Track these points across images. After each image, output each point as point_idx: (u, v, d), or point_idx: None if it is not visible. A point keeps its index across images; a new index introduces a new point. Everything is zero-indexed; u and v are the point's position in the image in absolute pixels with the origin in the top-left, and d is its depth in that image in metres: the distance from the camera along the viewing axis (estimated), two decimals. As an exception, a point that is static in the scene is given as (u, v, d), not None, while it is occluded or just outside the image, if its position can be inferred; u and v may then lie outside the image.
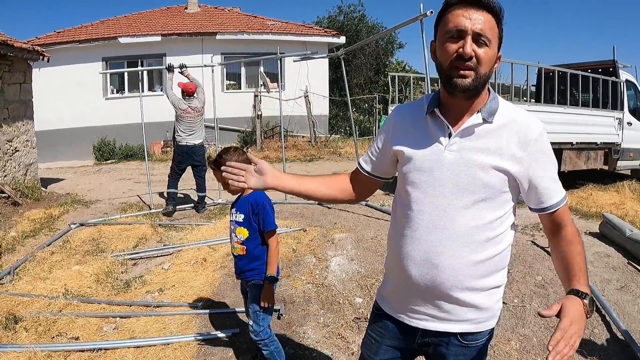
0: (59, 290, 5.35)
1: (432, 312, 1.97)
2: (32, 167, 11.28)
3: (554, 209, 1.90)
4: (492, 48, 1.79)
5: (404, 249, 1.97)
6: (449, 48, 1.79)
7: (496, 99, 1.90)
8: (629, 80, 12.53)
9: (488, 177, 1.83)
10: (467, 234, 1.85)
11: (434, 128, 1.93)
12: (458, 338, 1.97)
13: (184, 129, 8.86)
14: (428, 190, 1.90)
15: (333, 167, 15.38)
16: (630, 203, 9.44)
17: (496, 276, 1.94)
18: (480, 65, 1.77)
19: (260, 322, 3.61)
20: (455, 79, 1.79)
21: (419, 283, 1.93)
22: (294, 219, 7.88)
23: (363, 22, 29.05)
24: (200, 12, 23.65)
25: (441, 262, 1.87)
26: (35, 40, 17.91)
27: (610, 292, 5.22)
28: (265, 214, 3.52)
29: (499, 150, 1.82)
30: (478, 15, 1.76)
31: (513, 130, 1.84)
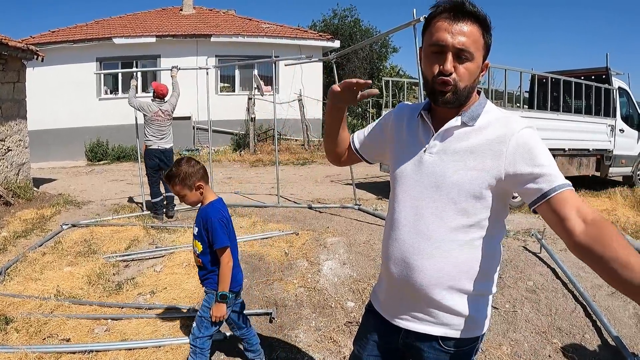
0: (50, 292, 5.32)
1: (413, 312, 1.98)
2: (25, 167, 11.24)
3: (551, 195, 1.68)
4: (475, 61, 1.79)
5: (388, 249, 2.01)
6: (431, 63, 1.82)
7: (483, 104, 1.90)
8: (622, 87, 12.62)
9: (465, 180, 1.81)
10: (444, 236, 1.85)
11: (422, 130, 1.97)
12: (439, 342, 1.96)
13: (154, 133, 8.72)
14: (409, 191, 1.94)
15: (326, 170, 15.40)
16: (622, 209, 9.49)
17: (479, 283, 1.90)
18: (461, 81, 1.78)
19: (202, 329, 3.52)
20: (438, 93, 1.81)
21: (398, 283, 1.97)
22: (286, 223, 7.89)
23: (357, 26, 29.12)
24: (195, 14, 23.65)
25: (416, 262, 1.88)
26: (30, 40, 17.90)
27: (601, 298, 5.24)
28: (214, 231, 3.38)
29: (476, 153, 1.81)
30: (462, 28, 1.75)
31: (493, 130, 1.81)
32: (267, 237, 6.97)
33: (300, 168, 16.16)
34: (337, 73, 9.96)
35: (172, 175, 3.41)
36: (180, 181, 3.39)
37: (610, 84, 12.13)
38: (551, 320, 4.84)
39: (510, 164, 1.76)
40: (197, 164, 3.48)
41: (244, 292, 5.35)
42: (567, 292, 5.33)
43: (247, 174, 15.02)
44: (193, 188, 3.42)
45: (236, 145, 19.81)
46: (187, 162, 3.46)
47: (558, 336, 4.61)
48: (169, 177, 3.42)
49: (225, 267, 3.43)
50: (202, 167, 3.49)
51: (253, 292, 5.36)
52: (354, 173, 9.90)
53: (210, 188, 3.57)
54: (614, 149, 12.13)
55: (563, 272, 5.69)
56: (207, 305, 3.51)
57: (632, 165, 13.03)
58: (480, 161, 1.80)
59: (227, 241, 3.43)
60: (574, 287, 5.37)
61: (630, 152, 12.83)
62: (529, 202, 1.76)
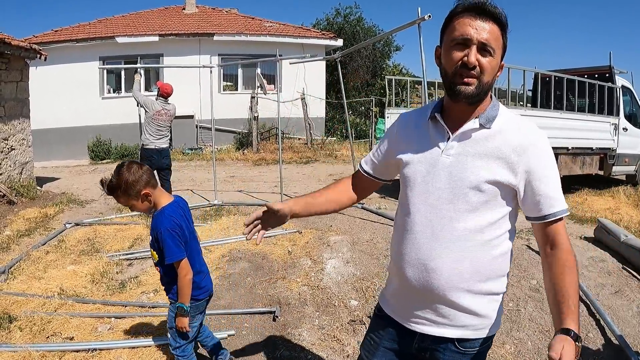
0: (53, 290, 5.33)
1: (429, 316, 1.97)
2: (28, 166, 11.25)
3: (549, 220, 1.86)
4: (495, 58, 1.83)
5: (401, 252, 2.00)
6: (454, 56, 1.83)
7: (496, 107, 1.93)
8: (625, 86, 12.59)
9: (482, 182, 1.84)
10: (460, 238, 1.87)
11: (434, 132, 1.97)
12: (455, 344, 1.97)
13: (152, 132, 8.63)
14: (424, 193, 1.94)
15: (329, 169, 15.39)
16: (625, 208, 9.49)
17: (494, 282, 1.94)
18: (483, 74, 1.81)
19: (176, 339, 3.38)
20: (459, 86, 1.82)
21: (415, 286, 1.95)
22: (290, 221, 7.86)
23: (360, 24, 29.10)
24: (197, 12, 23.67)
25: (434, 265, 1.89)
26: (33, 39, 17.93)
27: (604, 297, 5.24)
28: (164, 245, 3.12)
29: (494, 156, 1.84)
30: (484, 25, 1.79)
31: (511, 136, 1.85)
32: (270, 236, 6.95)
33: (304, 167, 16.15)
34: (341, 71, 9.94)
35: (113, 188, 3.08)
36: (123, 192, 3.08)
37: (613, 83, 12.09)
38: (555, 319, 4.83)
39: (526, 173, 1.84)
40: (140, 169, 3.13)
41: (247, 290, 5.37)
42: (570, 291, 5.32)
43: (250, 172, 15.02)
44: (139, 197, 3.12)
45: (239, 144, 19.81)
46: (127, 169, 3.10)
47: (562, 335, 4.60)
48: (110, 190, 3.09)
49: (182, 280, 3.18)
50: (146, 171, 3.16)
51: (256, 291, 5.36)
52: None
53: (162, 191, 3.27)
54: (617, 147, 12.09)
55: (566, 270, 5.67)
56: (172, 314, 3.33)
57: (635, 164, 13.00)
58: (498, 165, 1.84)
59: (181, 254, 3.16)
60: (577, 286, 5.35)
61: (634, 151, 12.80)
62: (529, 214, 1.91)
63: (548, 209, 1.85)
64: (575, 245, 6.66)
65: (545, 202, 1.84)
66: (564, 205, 1.86)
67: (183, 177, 13.65)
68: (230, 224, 7.69)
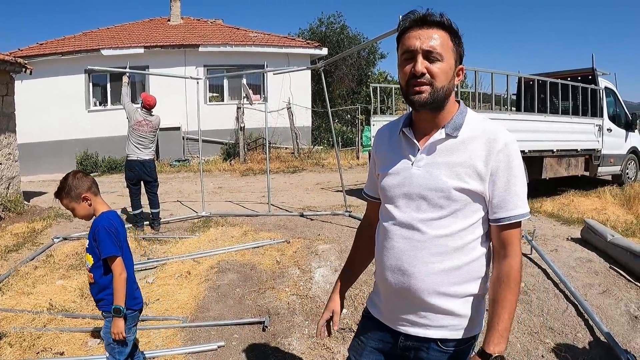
0: (43, 305, 5.30)
1: (411, 317, 2.04)
2: (15, 181, 11.18)
3: (503, 223, 1.92)
4: (445, 62, 1.89)
5: (382, 258, 2.08)
6: (405, 69, 1.93)
7: (464, 113, 2.00)
8: (608, 87, 12.73)
9: (452, 190, 1.90)
10: (434, 243, 1.93)
11: (406, 145, 2.06)
12: (438, 344, 2.02)
13: (134, 143, 8.50)
14: (399, 203, 2.02)
15: (316, 178, 15.44)
16: (612, 208, 9.57)
17: (471, 284, 1.99)
18: (435, 80, 1.88)
19: (116, 355, 3.35)
20: (412, 95, 1.91)
21: (395, 290, 2.03)
22: (278, 231, 7.90)
23: (344, 32, 29.22)
24: (182, 24, 23.67)
25: (410, 269, 1.96)
26: (18, 52, 17.88)
27: (592, 297, 5.28)
28: (100, 240, 3.24)
29: (462, 165, 1.91)
30: (428, 34, 1.88)
31: (479, 142, 1.92)
32: (258, 246, 6.97)
33: (291, 176, 16.18)
34: (326, 80, 9.98)
35: (59, 189, 3.33)
36: (66, 194, 3.31)
37: (596, 84, 12.23)
38: (543, 320, 4.88)
39: (492, 177, 1.90)
40: (85, 176, 3.41)
41: (237, 300, 5.37)
42: (558, 292, 5.38)
43: (238, 183, 15.03)
44: (80, 199, 3.32)
45: (226, 154, 19.80)
46: (73, 174, 3.37)
47: (550, 336, 4.65)
48: (57, 192, 3.35)
49: (117, 279, 3.25)
50: (90, 180, 3.42)
51: (245, 301, 5.37)
52: (344, 180, 9.93)
53: (102, 201, 3.46)
54: (602, 148, 12.23)
55: (554, 272, 5.73)
56: (108, 329, 3.29)
57: (620, 164, 13.13)
58: (466, 173, 1.90)
59: (117, 251, 3.27)
60: (565, 287, 5.41)
61: (619, 151, 12.93)
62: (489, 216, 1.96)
63: (506, 212, 1.91)
64: (562, 246, 6.73)
65: (503, 205, 1.91)
66: (523, 210, 1.92)
67: (170, 189, 13.63)
68: (219, 235, 7.68)
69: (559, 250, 6.59)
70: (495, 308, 1.90)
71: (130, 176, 8.65)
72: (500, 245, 1.95)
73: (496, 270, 1.95)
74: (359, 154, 20.46)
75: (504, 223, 1.91)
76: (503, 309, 1.88)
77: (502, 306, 1.89)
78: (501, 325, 1.87)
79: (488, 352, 1.86)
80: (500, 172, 1.89)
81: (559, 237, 7.29)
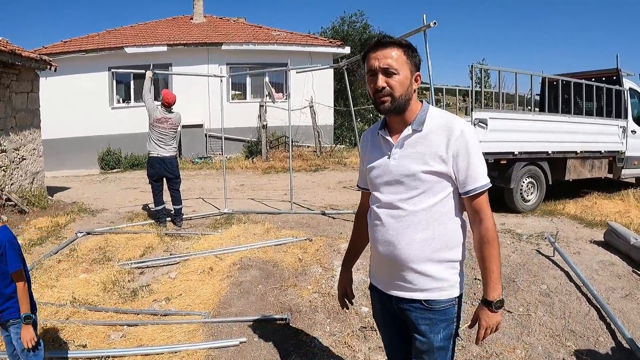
0: (66, 298, 5.38)
1: (400, 282, 2.47)
2: (39, 176, 11.34)
3: (473, 193, 2.35)
4: (402, 74, 2.34)
5: (373, 234, 2.54)
6: (370, 84, 2.40)
7: (426, 111, 2.44)
8: (633, 88, 12.55)
9: (421, 175, 2.34)
10: (413, 218, 2.37)
11: (383, 143, 2.53)
12: (422, 303, 2.43)
13: (154, 140, 8.54)
14: (382, 189, 2.49)
15: (338, 176, 15.42)
16: (635, 211, 9.46)
17: (448, 251, 2.41)
18: (394, 90, 2.34)
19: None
20: (379, 105, 2.39)
21: (385, 259, 2.48)
22: (300, 229, 7.91)
23: (367, 31, 29.13)
24: (205, 22, 23.76)
25: (395, 240, 2.41)
26: (43, 50, 18.05)
27: (615, 300, 5.23)
28: (9, 256, 3.28)
29: (428, 153, 2.34)
30: (384, 53, 2.34)
31: (439, 132, 2.35)
32: (281, 244, 6.99)
33: (313, 174, 16.18)
34: (348, 79, 9.97)
35: None
36: None
37: (621, 85, 12.07)
38: (565, 324, 4.84)
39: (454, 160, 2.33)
40: None
41: (259, 297, 5.39)
42: (580, 295, 5.33)
43: (260, 181, 15.06)
44: None
45: (248, 152, 19.83)
46: None
47: (572, 339, 4.61)
48: None
49: (22, 289, 3.35)
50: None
51: (268, 298, 5.39)
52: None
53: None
54: (626, 150, 12.06)
55: (577, 275, 5.68)
56: (19, 335, 3.37)
57: (644, 166, 12.94)
58: (431, 158, 2.34)
59: (20, 264, 3.35)
60: (587, 290, 5.36)
61: (643, 154, 12.76)
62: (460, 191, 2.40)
63: (471, 185, 2.34)
64: (585, 249, 6.67)
65: (468, 180, 2.34)
66: (483, 182, 2.35)
67: (193, 185, 13.71)
68: (241, 232, 7.71)
69: (582, 253, 6.53)
70: (484, 263, 2.38)
71: (151, 173, 8.71)
72: (473, 213, 2.40)
73: (476, 234, 2.40)
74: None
75: (472, 194, 2.35)
76: (490, 263, 2.36)
77: (489, 260, 2.36)
78: (493, 276, 2.37)
79: (489, 299, 2.37)
80: (460, 155, 2.32)
81: (582, 239, 7.22)
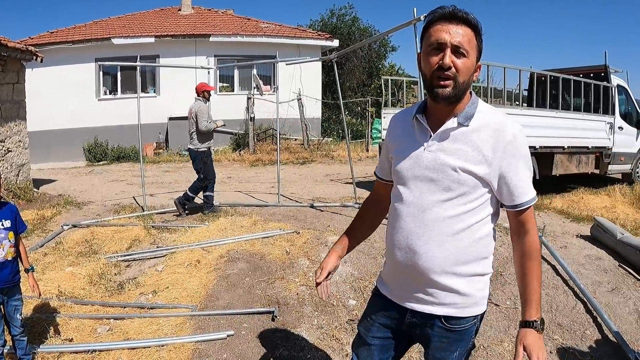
0: (52, 292, 5.33)
1: (418, 294, 2.18)
2: (25, 168, 11.24)
3: (521, 207, 2.08)
4: (470, 59, 2.01)
5: (393, 237, 2.22)
6: (432, 60, 2.02)
7: (475, 104, 2.11)
8: (620, 85, 12.65)
9: (458, 175, 2.03)
10: (441, 224, 2.07)
11: (419, 131, 2.18)
12: (442, 321, 2.16)
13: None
14: (411, 184, 2.15)
15: (325, 169, 15.43)
16: (621, 206, 9.52)
17: (476, 264, 2.13)
18: (459, 74, 1.99)
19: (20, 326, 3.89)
20: (436, 88, 2.01)
21: (404, 267, 2.17)
22: (287, 222, 7.90)
23: (355, 25, 29.13)
24: (193, 14, 23.67)
25: (419, 248, 2.09)
26: (29, 40, 17.90)
27: (601, 294, 5.27)
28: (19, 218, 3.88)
29: (471, 152, 2.03)
30: (457, 30, 1.98)
31: (488, 132, 2.04)
32: (268, 236, 6.97)
33: (300, 167, 16.18)
34: (337, 72, 9.95)
35: None
36: None
37: (609, 82, 12.15)
38: (552, 317, 4.87)
39: (500, 166, 2.03)
40: None
41: (246, 290, 5.38)
42: (567, 289, 5.37)
43: (247, 173, 15.04)
44: None
45: (236, 145, 19.81)
46: None
47: (559, 332, 4.65)
48: None
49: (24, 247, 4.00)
50: None
51: (255, 291, 5.37)
52: (354, 172, 9.92)
53: None
54: (613, 146, 12.16)
55: (563, 269, 5.72)
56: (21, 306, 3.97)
57: (631, 162, 13.05)
58: (474, 159, 2.03)
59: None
60: (574, 284, 5.40)
61: (629, 150, 12.85)
62: (505, 203, 2.12)
63: (520, 199, 2.07)
64: (571, 243, 6.71)
65: (517, 192, 2.06)
66: (532, 195, 2.09)
67: (180, 178, 13.65)
68: (228, 224, 7.68)
69: (569, 247, 6.57)
70: (525, 280, 2.11)
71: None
72: (518, 225, 2.13)
73: (519, 247, 2.13)
74: (368, 146, 20.42)
75: (521, 208, 2.09)
76: (532, 280, 2.09)
77: (531, 278, 2.10)
78: (535, 296, 2.09)
79: (531, 319, 2.09)
80: (510, 163, 2.03)
81: (569, 234, 7.27)
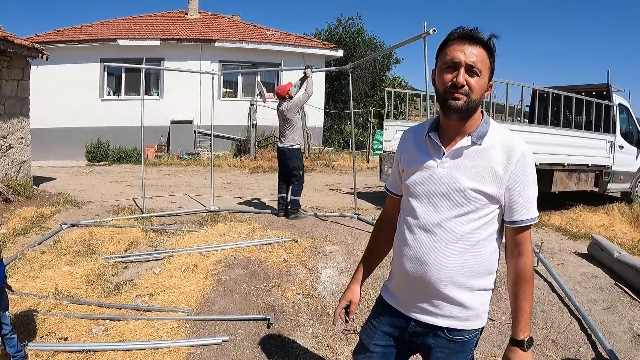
0: (48, 290, 5.33)
1: (423, 305, 2.24)
2: (25, 165, 11.26)
3: (521, 225, 2.15)
4: (482, 78, 2.09)
5: (402, 248, 2.28)
6: (446, 77, 2.10)
7: (487, 123, 2.19)
8: (622, 104, 12.69)
9: (471, 192, 2.10)
10: (452, 238, 2.14)
11: (432, 148, 2.24)
12: (444, 332, 2.22)
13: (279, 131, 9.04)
14: (422, 199, 2.21)
15: (326, 179, 15.43)
16: (619, 225, 9.54)
17: (483, 278, 2.20)
18: (472, 92, 2.07)
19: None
20: (450, 101, 2.09)
21: (411, 278, 2.23)
22: (286, 230, 7.91)
23: (361, 35, 29.17)
24: (200, 18, 23.72)
25: (428, 259, 2.16)
26: (35, 38, 17.96)
27: (596, 312, 5.28)
28: None
29: (483, 171, 2.11)
30: (472, 50, 2.07)
31: (499, 150, 2.11)
32: (266, 244, 6.99)
33: (300, 175, 16.15)
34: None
35: None
36: None
37: (610, 100, 12.19)
38: (546, 333, 4.87)
39: (509, 184, 2.11)
40: None
41: (242, 296, 5.39)
42: (563, 306, 5.38)
43: (247, 179, 15.05)
44: None
45: (237, 150, 19.81)
46: None
47: (553, 349, 4.65)
48: None
49: None
50: None
51: (251, 297, 5.38)
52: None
53: None
54: (613, 165, 12.17)
55: (559, 286, 5.73)
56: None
57: (630, 181, 13.06)
58: (486, 177, 2.11)
59: None
60: (569, 301, 5.41)
61: (629, 169, 12.88)
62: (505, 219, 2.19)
63: (521, 216, 2.14)
64: (568, 261, 6.72)
65: (519, 209, 2.14)
66: (533, 215, 2.16)
67: (180, 181, 13.68)
68: (227, 230, 7.70)
69: (565, 264, 6.59)
70: (517, 302, 2.19)
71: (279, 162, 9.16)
72: (514, 245, 2.20)
73: (513, 269, 2.21)
74: (369, 157, 20.43)
75: (520, 225, 2.15)
76: (524, 301, 2.17)
77: (522, 299, 2.17)
78: (524, 316, 2.16)
79: (519, 339, 2.16)
80: (518, 181, 2.10)
81: (566, 251, 7.29)
